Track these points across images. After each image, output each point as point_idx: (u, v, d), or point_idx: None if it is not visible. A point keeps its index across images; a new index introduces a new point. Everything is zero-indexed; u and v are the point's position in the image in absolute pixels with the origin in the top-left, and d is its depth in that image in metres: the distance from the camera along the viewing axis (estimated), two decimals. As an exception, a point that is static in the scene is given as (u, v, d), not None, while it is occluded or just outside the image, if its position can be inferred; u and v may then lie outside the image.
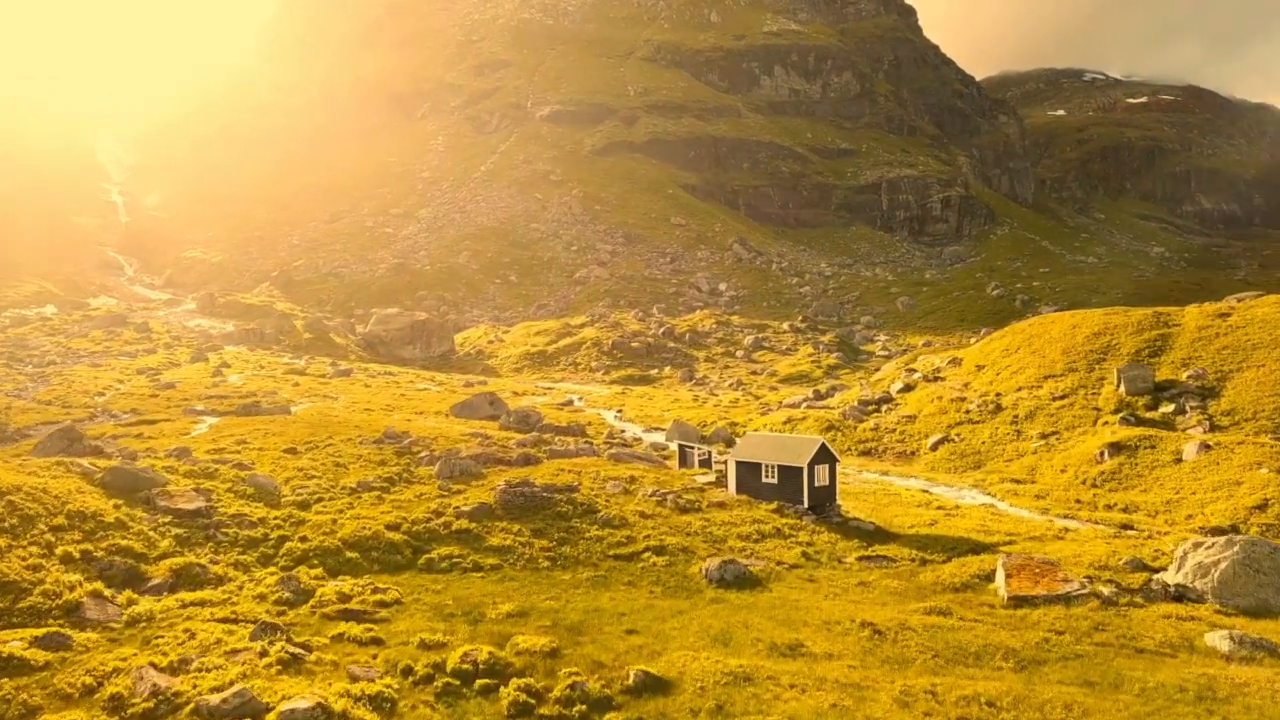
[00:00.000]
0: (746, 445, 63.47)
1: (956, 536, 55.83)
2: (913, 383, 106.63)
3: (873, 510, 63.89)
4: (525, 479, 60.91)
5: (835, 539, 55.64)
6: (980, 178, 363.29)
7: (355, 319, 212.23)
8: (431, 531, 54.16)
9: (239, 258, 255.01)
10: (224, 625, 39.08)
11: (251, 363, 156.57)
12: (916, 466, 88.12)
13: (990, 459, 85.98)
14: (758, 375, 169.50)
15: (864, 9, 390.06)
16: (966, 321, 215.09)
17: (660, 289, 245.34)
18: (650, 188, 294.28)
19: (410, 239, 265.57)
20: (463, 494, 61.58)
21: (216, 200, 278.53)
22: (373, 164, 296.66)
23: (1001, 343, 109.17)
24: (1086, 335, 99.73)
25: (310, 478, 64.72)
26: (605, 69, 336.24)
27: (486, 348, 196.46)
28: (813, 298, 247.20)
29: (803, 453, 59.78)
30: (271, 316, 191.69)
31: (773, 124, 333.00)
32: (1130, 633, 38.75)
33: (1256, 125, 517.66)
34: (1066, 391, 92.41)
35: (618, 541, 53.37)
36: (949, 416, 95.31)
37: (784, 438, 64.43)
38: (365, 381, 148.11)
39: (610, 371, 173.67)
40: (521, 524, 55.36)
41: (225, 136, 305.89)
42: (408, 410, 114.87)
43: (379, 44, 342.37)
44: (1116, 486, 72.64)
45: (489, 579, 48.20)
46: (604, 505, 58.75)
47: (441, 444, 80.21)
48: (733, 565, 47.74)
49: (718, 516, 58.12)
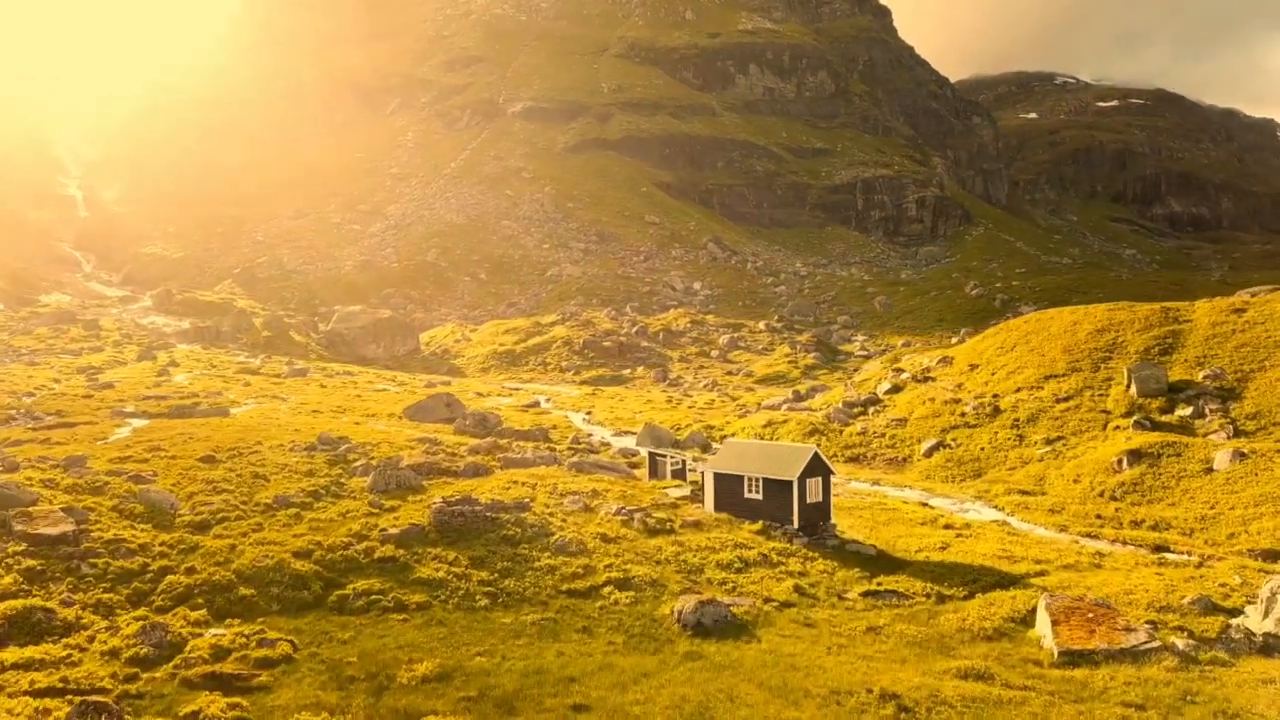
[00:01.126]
0: (727, 454, 53.73)
1: (976, 565, 46.35)
2: (901, 383, 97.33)
3: (871, 529, 54.37)
4: (467, 495, 51.01)
5: (833, 567, 46.03)
6: (954, 179, 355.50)
7: (319, 317, 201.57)
8: (350, 560, 44.20)
9: (200, 254, 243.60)
10: (41, 701, 28.92)
11: (203, 362, 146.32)
12: (910, 475, 78.73)
13: (991, 466, 76.70)
14: (733, 375, 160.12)
15: (839, 9, 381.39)
16: (945, 321, 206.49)
17: (634, 288, 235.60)
18: (624, 185, 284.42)
19: (378, 236, 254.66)
20: (395, 512, 51.70)
21: (179, 196, 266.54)
22: (340, 160, 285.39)
23: (995, 340, 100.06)
24: (1089, 332, 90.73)
25: (219, 492, 54.65)
26: (579, 66, 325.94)
27: (453, 347, 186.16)
28: (788, 297, 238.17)
29: (792, 463, 50.15)
30: (229, 314, 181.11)
31: (747, 123, 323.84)
32: (1230, 706, 29.27)
33: (1224, 130, 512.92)
34: (1071, 393, 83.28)
35: (573, 573, 43.57)
36: (943, 420, 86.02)
37: (770, 446, 54.79)
38: (321, 382, 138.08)
39: (581, 371, 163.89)
40: (459, 550, 45.48)
41: (189, 132, 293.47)
42: (359, 412, 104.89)
43: (347, 38, 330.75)
44: (1139, 500, 63.44)
45: (412, 623, 38.32)
46: (559, 526, 48.93)
47: (384, 451, 70.28)
48: (712, 607, 38.02)
49: (693, 539, 48.40)
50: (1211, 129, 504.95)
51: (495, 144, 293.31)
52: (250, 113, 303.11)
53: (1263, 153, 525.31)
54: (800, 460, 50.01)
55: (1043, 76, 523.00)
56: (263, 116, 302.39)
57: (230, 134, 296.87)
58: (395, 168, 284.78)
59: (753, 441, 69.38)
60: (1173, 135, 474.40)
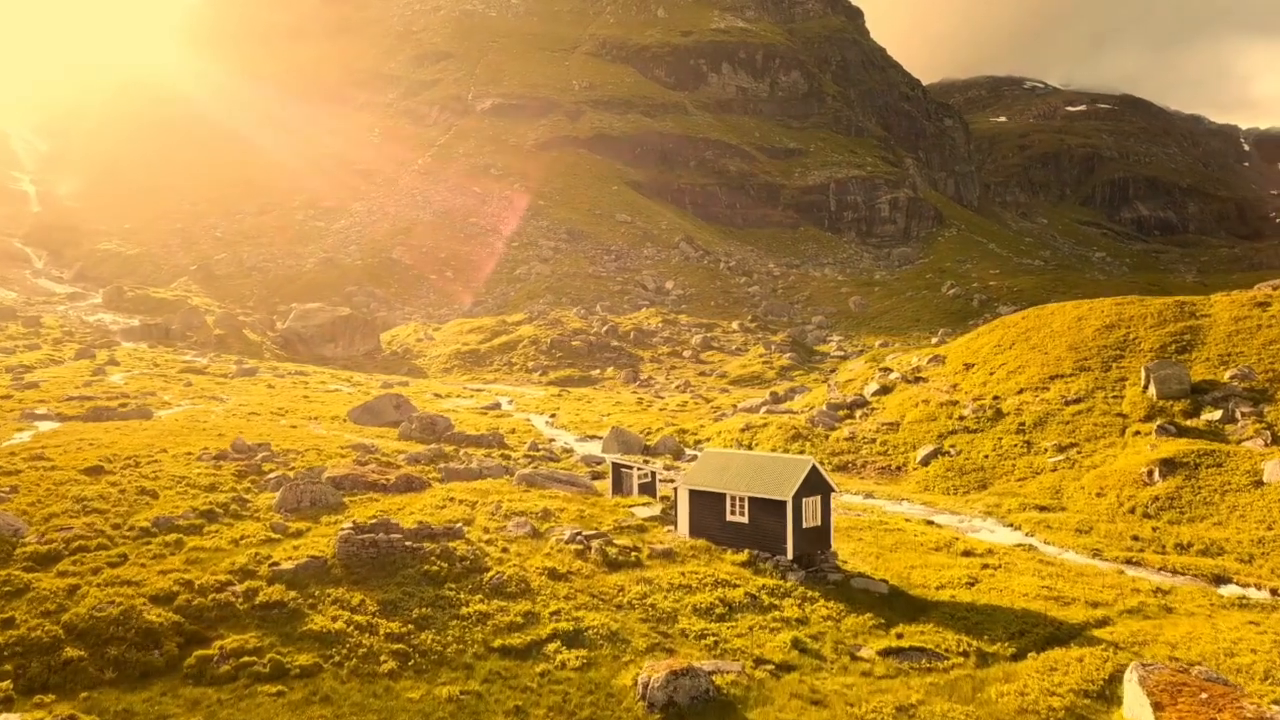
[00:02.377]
0: (705, 467, 43.52)
1: (1017, 608, 36.46)
2: (890, 384, 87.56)
3: (878, 557, 44.40)
4: (386, 519, 40.57)
5: (839, 611, 35.97)
6: (926, 181, 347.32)
7: (277, 315, 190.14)
8: (224, 607, 33.72)
9: (157, 251, 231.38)
10: None
11: (145, 360, 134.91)
12: (906, 485, 68.98)
13: (997, 477, 67.05)
14: (707, 376, 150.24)
15: (811, 9, 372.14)
16: (923, 322, 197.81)
17: (605, 286, 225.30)
18: (595, 184, 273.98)
19: (341, 233, 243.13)
20: (300, 538, 41.31)
21: (137, 192, 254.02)
22: (305, 156, 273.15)
23: (991, 338, 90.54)
24: (1097, 328, 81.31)
25: (89, 512, 43.97)
26: (549, 63, 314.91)
27: (415, 346, 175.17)
28: (762, 297, 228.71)
29: (785, 479, 40.06)
30: (180, 311, 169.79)
31: (720, 122, 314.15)
32: None
33: (1189, 135, 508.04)
34: (1081, 394, 73.77)
35: (511, 622, 33.29)
36: (939, 424, 76.32)
37: (757, 458, 44.58)
38: (270, 382, 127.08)
39: (548, 372, 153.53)
40: (367, 591, 35.11)
41: (148, 127, 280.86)
42: (301, 414, 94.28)
43: (313, 33, 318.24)
44: (1178, 517, 53.89)
45: (288, 699, 27.96)
46: (498, 559, 38.64)
47: (309, 460, 59.87)
48: (688, 679, 27.85)
49: (664, 575, 38.22)
50: (1177, 134, 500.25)
51: (464, 141, 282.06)
52: (212, 108, 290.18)
53: (1226, 158, 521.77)
54: (795, 475, 39.93)
55: (1012, 81, 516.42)
56: (225, 112, 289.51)
57: (191, 130, 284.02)
58: (361, 164, 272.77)
59: (736, 452, 59.07)
60: (1140, 140, 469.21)
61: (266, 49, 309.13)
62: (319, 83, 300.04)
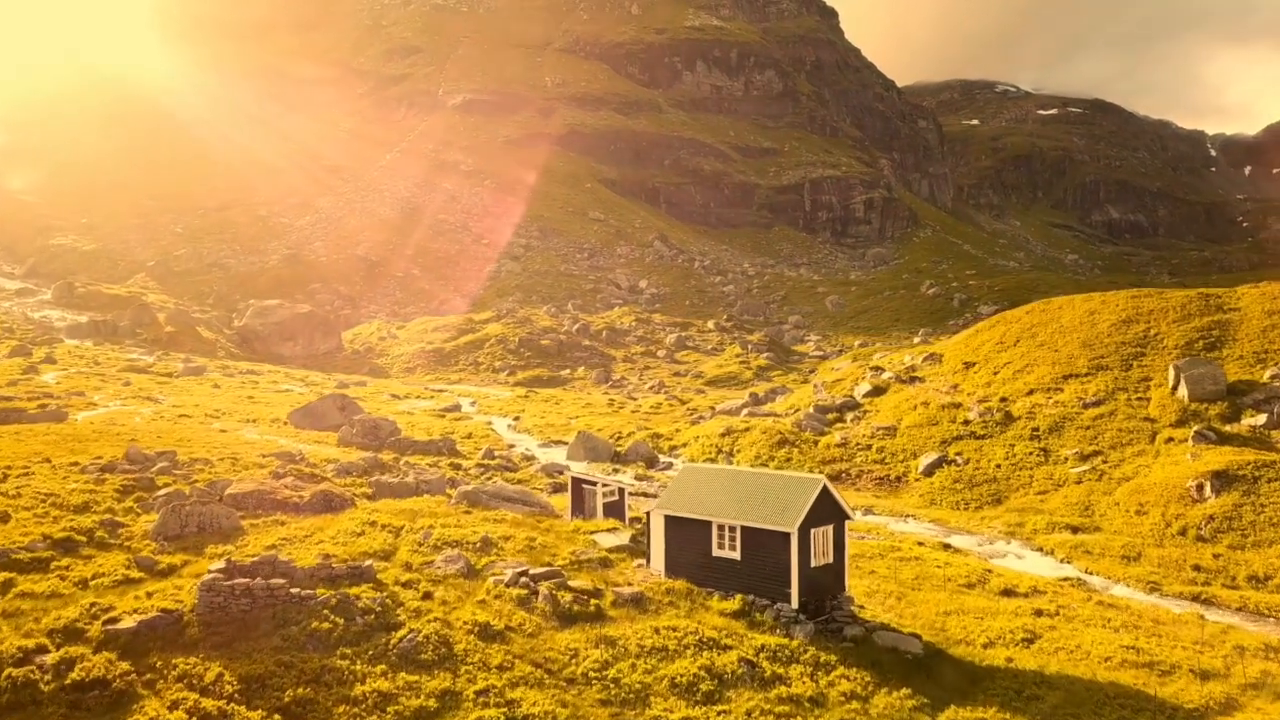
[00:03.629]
0: (684, 488, 33.88)
1: (1100, 680, 27.18)
2: (883, 384, 78.36)
3: (899, 597, 35.04)
4: (273, 557, 30.69)
5: (865, 684, 26.53)
6: (901, 182, 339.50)
7: (236, 313, 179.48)
8: (22, 687, 23.89)
9: (115, 246, 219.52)
10: None
11: (87, 358, 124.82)
12: (909, 499, 59.84)
13: (1013, 490, 58.00)
14: (682, 377, 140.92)
15: (786, 8, 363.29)
16: (902, 321, 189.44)
17: (577, 285, 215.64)
18: (567, 181, 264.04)
19: (307, 229, 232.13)
20: (165, 579, 31.53)
21: (96, 186, 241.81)
22: (271, 151, 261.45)
23: (992, 334, 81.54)
24: (1112, 324, 72.46)
25: (-98, 544, 33.98)
26: (521, 59, 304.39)
27: (378, 345, 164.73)
28: (737, 296, 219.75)
29: (789, 504, 30.54)
30: (130, 308, 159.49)
31: (694, 120, 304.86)
32: None
33: (1158, 140, 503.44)
34: (1101, 396, 64.87)
35: (419, 709, 23.69)
36: (942, 429, 67.22)
37: (750, 475, 34.90)
38: (216, 381, 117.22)
39: (516, 372, 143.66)
40: (229, 661, 25.34)
41: (112, 120, 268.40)
42: (239, 417, 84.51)
43: (282, 26, 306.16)
44: (1241, 541, 44.92)
45: None
46: (415, 610, 28.93)
47: (218, 471, 50.02)
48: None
49: (632, 632, 28.66)
50: (1146, 138, 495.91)
51: (433, 136, 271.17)
52: (178, 102, 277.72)
53: (1193, 163, 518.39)
54: (802, 499, 30.42)
55: (984, 84, 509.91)
56: (191, 106, 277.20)
57: (156, 124, 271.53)
58: (329, 159, 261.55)
59: (723, 468, 49.12)
60: (1110, 143, 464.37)
61: (234, 42, 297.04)
62: (287, 77, 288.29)
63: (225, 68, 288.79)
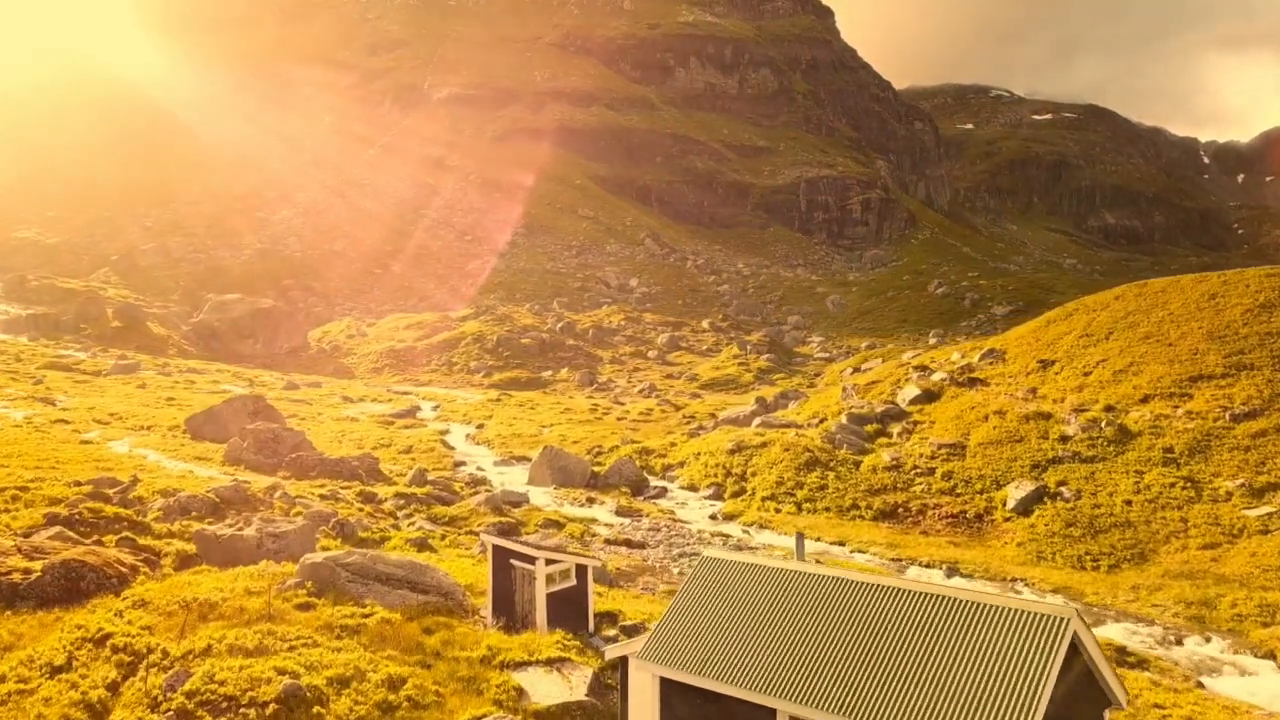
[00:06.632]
0: (706, 612, 16.46)
1: None
2: (934, 387, 62.21)
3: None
4: None
5: None
6: (897, 183, 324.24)
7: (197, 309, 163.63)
8: None
9: (81, 240, 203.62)
10: None
11: (9, 354, 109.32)
12: (1000, 548, 43.69)
13: (1159, 540, 41.80)
14: (674, 379, 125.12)
15: (781, 7, 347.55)
16: (910, 322, 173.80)
17: (564, 283, 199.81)
18: (556, 177, 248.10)
19: (283, 224, 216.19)
20: None
21: (64, 179, 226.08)
22: (251, 144, 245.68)
23: (1071, 324, 65.30)
24: (1247, 309, 56.41)
25: None
26: (510, 53, 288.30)
27: (345, 343, 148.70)
28: (732, 296, 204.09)
29: (1010, 688, 14.09)
30: (76, 301, 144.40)
31: (687, 118, 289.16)
32: None
33: (1153, 147, 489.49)
34: (1256, 405, 48.86)
35: None
36: (1029, 447, 51.14)
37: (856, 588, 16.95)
38: (145, 380, 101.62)
39: (492, 373, 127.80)
40: None
41: (84, 112, 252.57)
42: (135, 422, 68.90)
43: (265, 18, 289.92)
44: None
45: None
46: None
47: None
48: None
49: None
50: (1141, 144, 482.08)
51: (418, 130, 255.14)
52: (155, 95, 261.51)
53: (1187, 169, 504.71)
54: (1037, 679, 14.06)
55: (978, 89, 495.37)
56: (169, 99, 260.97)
57: (131, 116, 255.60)
58: (309, 153, 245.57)
59: (794, 567, 17.47)
60: (1105, 149, 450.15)
61: (215, 34, 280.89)
62: (269, 69, 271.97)
63: (205, 60, 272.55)
